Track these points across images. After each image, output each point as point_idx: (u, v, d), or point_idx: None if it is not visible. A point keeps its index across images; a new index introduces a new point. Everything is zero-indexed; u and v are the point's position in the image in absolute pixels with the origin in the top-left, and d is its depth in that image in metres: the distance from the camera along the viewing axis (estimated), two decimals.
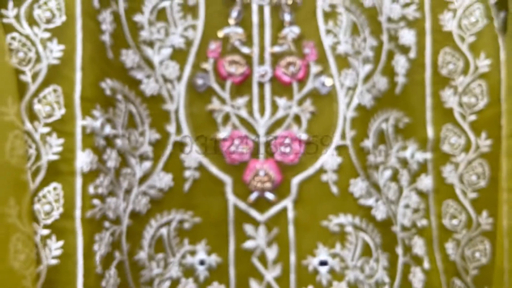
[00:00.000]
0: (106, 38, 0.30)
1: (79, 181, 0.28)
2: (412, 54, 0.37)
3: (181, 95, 0.34)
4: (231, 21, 0.35)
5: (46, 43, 0.29)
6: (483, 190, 0.35)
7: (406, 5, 0.37)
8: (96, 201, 0.28)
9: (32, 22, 0.29)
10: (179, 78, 0.34)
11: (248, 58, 0.35)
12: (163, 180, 0.33)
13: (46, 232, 0.27)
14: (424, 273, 0.35)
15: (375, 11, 0.36)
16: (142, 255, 0.31)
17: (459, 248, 0.36)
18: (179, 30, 0.34)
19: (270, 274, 0.33)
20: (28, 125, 0.28)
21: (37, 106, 0.28)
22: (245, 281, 0.33)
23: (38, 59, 0.29)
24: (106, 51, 0.30)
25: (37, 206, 0.28)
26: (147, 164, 0.32)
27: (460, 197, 0.36)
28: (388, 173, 0.35)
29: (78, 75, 0.29)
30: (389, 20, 0.37)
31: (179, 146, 0.34)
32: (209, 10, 0.35)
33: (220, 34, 0.35)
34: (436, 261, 0.35)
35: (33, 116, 0.28)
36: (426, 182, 0.36)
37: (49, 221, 0.28)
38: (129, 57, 0.32)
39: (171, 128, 0.33)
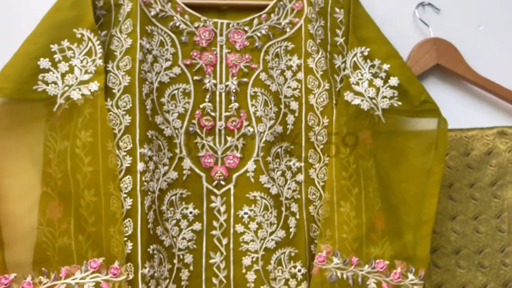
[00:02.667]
0: (148, 112, 0.68)
1: (138, 175, 0.65)
2: (296, 114, 0.74)
3: (182, 135, 0.71)
4: (206, 99, 0.72)
5: (124, 116, 0.66)
6: (325, 181, 0.72)
7: (294, 89, 0.74)
8: (145, 183, 0.65)
9: (117, 107, 0.67)
10: (181, 127, 0.71)
11: (214, 118, 0.72)
12: (173, 175, 0.70)
13: (124, 195, 0.65)
14: (296, 220, 0.72)
15: (278, 93, 0.73)
16: (163, 208, 0.69)
17: (316, 209, 0.73)
18: (181, 104, 0.72)
19: (222, 218, 0.71)
20: (117, 152, 0.66)
21: (120, 144, 0.66)
22: (210, 221, 0.71)
23: (120, 123, 0.66)
24: (149, 118, 0.68)
25: (121, 185, 0.66)
26: (166, 168, 0.70)
27: (317, 185, 0.73)
28: (279, 173, 0.72)
29: (137, 130, 0.66)
30: (285, 97, 0.74)
31: (181, 159, 0.71)
32: (196, 94, 0.71)
33: (201, 106, 0.72)
34: (303, 215, 0.73)
35: (119, 148, 0.66)
36: (300, 177, 0.73)
37: (126, 191, 0.65)
38: (158, 119, 0.70)
39: (177, 151, 0.71)
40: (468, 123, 0.80)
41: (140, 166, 0.65)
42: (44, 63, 0.65)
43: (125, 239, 0.63)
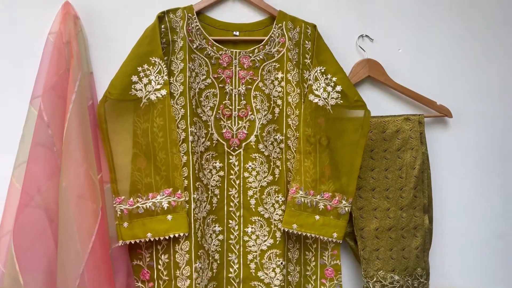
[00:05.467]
0: (194, 106, 1.16)
1: (190, 143, 1.13)
2: (280, 107, 1.22)
3: (212, 120, 1.20)
4: (226, 99, 1.21)
5: (180, 109, 1.13)
6: (296, 148, 1.22)
7: (279, 92, 1.21)
8: (193, 147, 1.13)
9: (177, 104, 1.14)
10: (212, 115, 1.19)
11: (231, 109, 1.20)
12: (207, 143, 1.18)
13: (182, 154, 1.12)
14: (279, 170, 1.21)
15: (269, 94, 1.22)
16: (203, 162, 1.17)
17: (291, 164, 1.21)
18: (212, 101, 1.20)
19: (236, 168, 1.20)
20: (177, 130, 1.13)
21: (179, 125, 1.12)
22: (229, 170, 1.20)
23: (178, 113, 1.13)
24: (194, 110, 1.16)
25: (180, 149, 1.14)
26: (203, 139, 1.17)
27: (292, 149, 1.21)
28: (270, 142, 1.20)
29: (188, 117, 1.12)
30: (274, 97, 1.22)
31: (212, 134, 1.19)
32: (220, 95, 1.19)
33: (223, 102, 1.20)
34: (284, 167, 1.22)
35: (178, 128, 1.13)
36: (282, 145, 1.21)
37: (183, 152, 1.13)
38: (199, 110, 1.17)
39: (209, 129, 1.19)
40: (386, 113, 1.29)
41: (190, 138, 1.15)
42: (134, 78, 1.12)
43: (183, 178, 1.13)
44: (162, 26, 1.16)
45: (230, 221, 1.21)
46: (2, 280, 0.98)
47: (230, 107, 1.21)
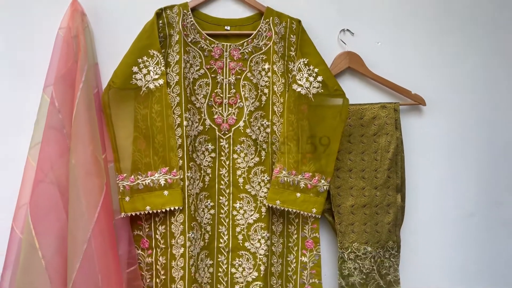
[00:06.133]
0: (188, 94, 1.29)
1: (184, 128, 1.27)
2: (267, 96, 1.35)
3: (205, 107, 1.33)
4: (218, 87, 1.34)
5: (176, 97, 1.27)
6: (281, 132, 1.35)
7: (265, 82, 1.35)
8: (188, 132, 1.27)
9: (173, 92, 1.28)
10: (204, 102, 1.33)
11: (222, 97, 1.33)
12: (200, 128, 1.32)
13: (177, 138, 1.27)
14: (265, 152, 1.33)
15: (257, 84, 1.35)
16: (196, 144, 1.32)
17: (276, 147, 1.36)
18: (204, 90, 1.33)
19: (226, 151, 1.34)
20: (173, 116, 1.28)
21: (174, 111, 1.26)
22: (220, 152, 1.34)
23: (174, 101, 1.27)
24: (188, 98, 1.29)
25: (175, 132, 1.28)
26: (197, 124, 1.31)
27: (277, 134, 1.35)
28: (257, 127, 1.34)
29: (183, 104, 1.27)
30: (261, 86, 1.35)
31: (204, 119, 1.33)
32: (212, 84, 1.32)
33: (215, 91, 1.33)
34: (269, 150, 1.36)
35: (174, 114, 1.27)
36: (268, 130, 1.35)
37: (178, 135, 1.26)
38: (193, 98, 1.31)
39: (202, 115, 1.33)
40: (365, 101, 1.41)
41: (185, 123, 1.28)
42: (135, 69, 1.26)
43: (178, 159, 1.27)
44: (160, 21, 1.29)
45: (221, 197, 1.35)
46: (20, 244, 1.14)
47: (221, 95, 1.34)
